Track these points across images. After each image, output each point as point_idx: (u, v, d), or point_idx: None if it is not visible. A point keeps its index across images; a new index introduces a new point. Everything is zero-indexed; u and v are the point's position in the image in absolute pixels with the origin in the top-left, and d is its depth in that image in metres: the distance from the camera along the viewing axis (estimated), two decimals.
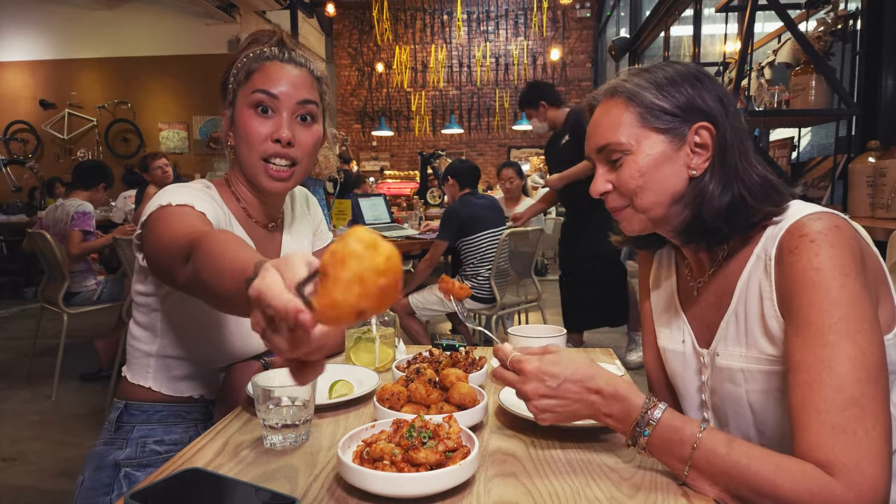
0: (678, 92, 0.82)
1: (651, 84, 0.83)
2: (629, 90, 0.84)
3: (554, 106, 3.44)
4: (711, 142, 0.82)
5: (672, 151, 0.82)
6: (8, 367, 3.83)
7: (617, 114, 0.84)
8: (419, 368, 0.91)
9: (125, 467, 1.00)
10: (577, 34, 10.69)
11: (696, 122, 0.82)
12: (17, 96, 8.16)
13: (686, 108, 0.82)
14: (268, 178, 1.02)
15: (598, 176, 0.88)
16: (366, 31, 10.93)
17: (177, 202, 0.91)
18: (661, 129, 0.82)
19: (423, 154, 5.32)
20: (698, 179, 0.83)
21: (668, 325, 0.99)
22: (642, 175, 0.83)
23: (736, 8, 3.36)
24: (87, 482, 1.01)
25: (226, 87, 1.06)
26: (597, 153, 0.88)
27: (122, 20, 7.95)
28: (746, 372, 0.82)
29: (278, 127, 1.00)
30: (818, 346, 0.69)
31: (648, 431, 0.71)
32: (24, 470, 2.38)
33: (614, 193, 0.87)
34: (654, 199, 0.84)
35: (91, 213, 3.47)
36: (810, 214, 0.76)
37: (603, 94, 0.88)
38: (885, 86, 2.46)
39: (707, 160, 0.82)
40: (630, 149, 0.83)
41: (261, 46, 1.04)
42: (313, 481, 0.69)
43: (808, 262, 0.72)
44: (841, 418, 0.66)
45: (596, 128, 0.87)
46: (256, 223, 1.11)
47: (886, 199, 2.07)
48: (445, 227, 3.18)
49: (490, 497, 0.65)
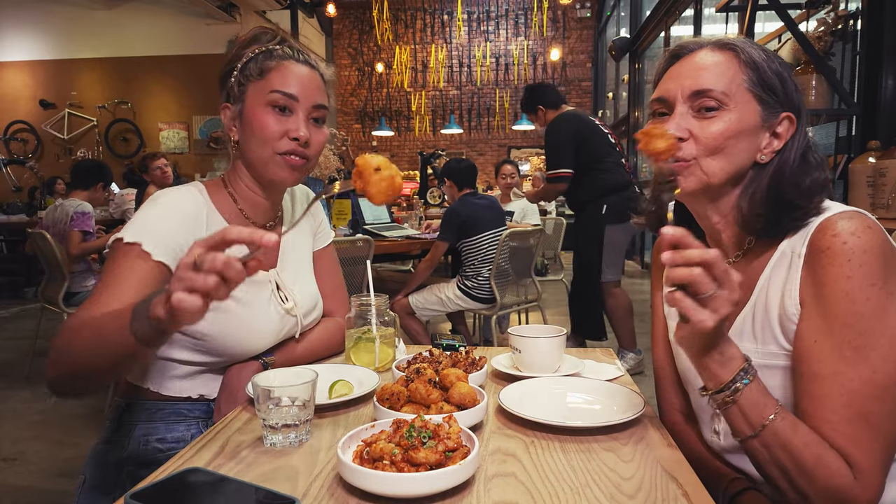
0: (781, 67, 0.82)
1: (764, 53, 0.82)
2: (744, 49, 0.82)
3: (552, 108, 3.43)
4: (788, 134, 0.82)
5: (759, 128, 0.82)
6: (8, 367, 3.83)
7: (727, 66, 0.81)
8: (419, 368, 0.91)
9: (127, 466, 1.00)
10: (578, 34, 10.69)
11: (785, 108, 0.82)
12: (17, 96, 8.17)
13: (784, 87, 0.82)
14: (282, 168, 1.02)
15: (676, 119, 0.82)
16: (366, 31, 10.93)
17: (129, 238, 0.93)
18: (762, 101, 0.81)
19: (423, 154, 5.32)
20: (763, 167, 0.82)
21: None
22: (728, 136, 0.80)
23: (736, 8, 3.36)
24: (88, 481, 1.01)
25: (227, 82, 1.05)
26: (689, 96, 0.82)
27: (123, 20, 7.96)
28: (763, 368, 0.81)
29: (296, 126, 1.01)
30: (835, 360, 0.72)
31: (748, 381, 0.72)
32: (24, 470, 2.38)
33: (689, 143, 0.82)
34: (724, 166, 0.82)
35: (90, 213, 3.47)
36: (841, 213, 0.76)
37: (710, 43, 0.85)
38: (885, 86, 2.47)
39: (775, 151, 0.82)
40: (729, 104, 0.80)
41: (265, 44, 1.04)
42: (313, 481, 0.69)
43: (840, 267, 0.72)
44: (848, 429, 0.71)
45: (697, 70, 0.82)
46: (254, 223, 1.10)
47: (886, 199, 2.07)
48: (446, 227, 3.17)
49: (490, 497, 0.65)
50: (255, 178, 1.08)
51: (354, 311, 1.16)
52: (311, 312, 1.16)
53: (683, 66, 0.85)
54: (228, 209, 1.07)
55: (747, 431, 0.74)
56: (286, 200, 1.22)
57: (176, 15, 7.83)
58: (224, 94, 1.07)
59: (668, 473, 0.71)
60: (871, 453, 0.70)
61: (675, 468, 0.73)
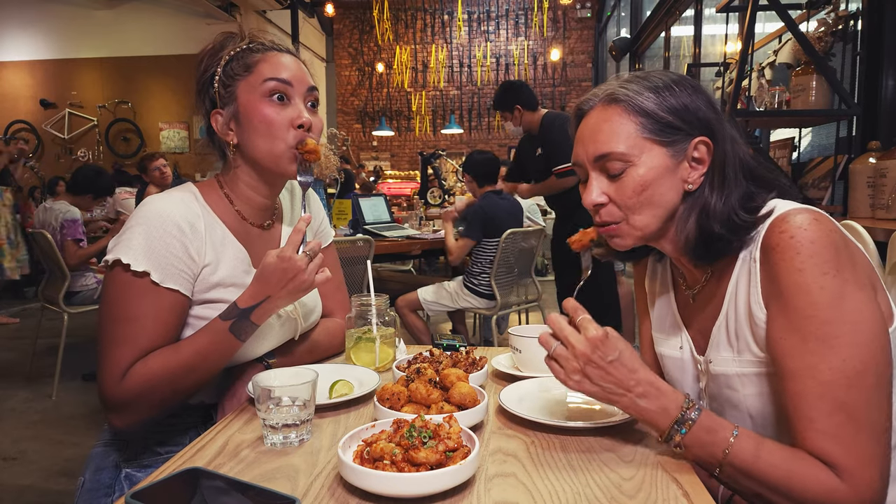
0: (677, 100, 0.81)
1: (649, 90, 0.81)
2: (629, 97, 0.81)
3: (529, 109, 3.34)
4: (708, 156, 0.81)
5: (673, 165, 0.81)
6: (8, 366, 3.83)
7: (617, 122, 0.81)
8: (419, 368, 0.91)
9: (125, 468, 1.00)
10: (578, 34, 10.69)
11: (695, 134, 0.81)
12: (17, 96, 8.17)
13: (686, 117, 0.80)
14: (294, 161, 1.02)
15: (593, 186, 0.84)
16: (366, 31, 10.93)
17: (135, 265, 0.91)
18: (663, 142, 0.80)
19: (423, 154, 5.31)
20: (693, 194, 0.82)
21: (665, 331, 0.99)
22: (644, 189, 0.81)
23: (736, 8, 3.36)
24: (87, 483, 1.01)
25: (208, 91, 1.04)
26: (593, 161, 0.83)
27: (123, 20, 7.95)
28: (742, 377, 0.82)
29: (298, 113, 1.01)
30: (803, 353, 0.72)
31: (686, 430, 0.73)
32: (24, 470, 2.38)
33: (610, 206, 0.83)
34: (652, 214, 0.82)
35: (78, 219, 3.47)
36: (788, 210, 0.76)
37: (600, 99, 0.84)
38: (886, 86, 2.46)
39: (702, 175, 0.82)
40: (632, 160, 0.80)
41: (238, 45, 1.03)
42: (313, 481, 0.69)
43: (791, 261, 0.73)
44: (829, 425, 0.70)
45: (595, 134, 0.83)
46: (251, 224, 1.09)
47: (887, 200, 2.07)
48: (472, 225, 3.12)
49: (490, 497, 0.65)
50: (261, 175, 1.05)
51: (355, 311, 1.16)
52: (311, 314, 1.15)
53: (584, 127, 0.86)
54: (224, 211, 1.05)
55: (711, 469, 0.74)
56: (285, 198, 1.21)
57: (176, 15, 7.82)
58: (207, 104, 1.05)
59: (668, 473, 0.71)
60: (856, 448, 0.69)
61: (675, 468, 0.73)
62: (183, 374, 0.93)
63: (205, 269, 0.99)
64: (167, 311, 0.94)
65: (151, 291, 0.92)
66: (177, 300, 0.95)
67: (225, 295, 1.00)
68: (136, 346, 0.92)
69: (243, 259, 1.04)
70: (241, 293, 0.98)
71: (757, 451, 0.72)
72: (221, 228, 1.03)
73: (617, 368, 0.74)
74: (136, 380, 0.91)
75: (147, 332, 0.92)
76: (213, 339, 0.94)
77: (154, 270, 0.92)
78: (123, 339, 0.92)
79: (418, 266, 6.43)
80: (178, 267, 0.95)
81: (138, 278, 0.92)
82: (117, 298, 0.93)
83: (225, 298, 0.99)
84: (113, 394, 0.91)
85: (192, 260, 0.97)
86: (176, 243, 0.95)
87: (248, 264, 1.05)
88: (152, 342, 0.93)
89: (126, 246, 0.92)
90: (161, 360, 0.92)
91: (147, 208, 0.96)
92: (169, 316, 0.94)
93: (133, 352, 0.91)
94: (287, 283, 0.93)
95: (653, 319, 1.03)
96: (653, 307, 1.03)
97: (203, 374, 0.96)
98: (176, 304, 0.95)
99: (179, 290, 0.95)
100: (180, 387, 0.95)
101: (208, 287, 0.99)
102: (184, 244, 0.95)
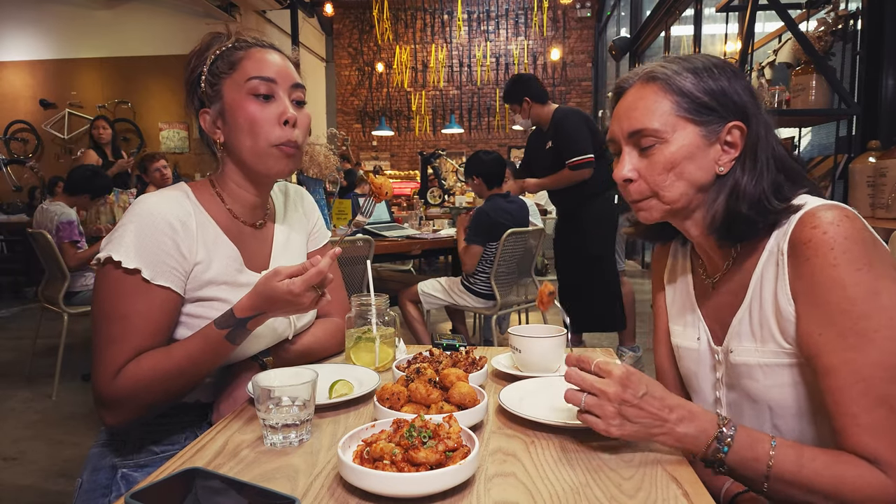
0: (715, 82, 0.82)
1: (688, 71, 0.82)
2: (667, 76, 0.83)
3: (539, 102, 3.31)
4: (741, 141, 0.82)
5: (705, 146, 0.82)
6: (8, 366, 3.83)
7: (653, 99, 0.83)
8: (419, 368, 0.91)
9: (122, 468, 1.00)
10: (578, 34, 10.69)
11: (730, 118, 0.81)
12: (17, 96, 8.16)
13: (722, 100, 0.81)
14: (278, 159, 1.02)
15: (624, 162, 0.86)
16: (366, 31, 10.93)
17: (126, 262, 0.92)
18: (697, 122, 0.81)
19: (423, 154, 5.31)
20: (724, 176, 0.83)
21: (682, 322, 0.99)
22: (673, 166, 0.82)
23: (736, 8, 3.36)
24: (85, 484, 1.01)
25: (196, 90, 1.04)
26: (627, 137, 0.85)
27: (123, 20, 7.95)
28: (764, 367, 0.82)
29: (283, 109, 1.01)
30: (842, 349, 0.72)
31: (727, 448, 0.73)
32: (24, 470, 2.38)
33: (639, 182, 0.85)
34: (681, 191, 0.83)
35: (74, 220, 3.46)
36: (818, 206, 0.77)
37: (639, 77, 0.86)
38: (886, 86, 2.46)
39: (733, 159, 0.82)
40: (664, 137, 0.82)
41: (224, 43, 1.03)
42: (313, 481, 0.69)
43: (824, 257, 0.73)
44: (872, 419, 0.70)
45: (629, 111, 0.85)
46: (243, 223, 1.09)
47: (887, 199, 2.07)
48: (476, 230, 3.09)
49: (490, 497, 0.65)
50: (247, 174, 1.06)
51: (354, 310, 1.16)
52: (303, 315, 1.15)
53: (621, 105, 0.88)
54: (217, 210, 1.06)
55: (758, 485, 0.74)
56: (279, 198, 1.21)
57: (176, 15, 7.82)
58: (196, 103, 1.05)
59: (668, 473, 0.71)
60: None
61: (675, 468, 0.73)
62: (175, 376, 0.94)
63: (196, 266, 0.99)
64: (159, 308, 0.94)
65: (143, 289, 0.93)
66: (168, 298, 0.95)
67: (217, 293, 1.00)
68: (129, 344, 0.92)
69: (235, 258, 1.04)
70: (233, 292, 0.99)
71: (799, 459, 0.72)
72: (213, 227, 1.03)
73: (649, 402, 0.74)
74: (128, 379, 0.91)
75: (139, 330, 0.93)
76: (207, 344, 0.95)
77: (145, 268, 0.92)
78: (116, 338, 0.92)
79: (418, 266, 6.43)
80: (169, 264, 0.95)
81: (129, 275, 0.92)
82: (109, 296, 0.93)
83: (217, 297, 1.00)
84: (106, 391, 0.91)
85: (184, 257, 0.97)
86: (167, 241, 0.95)
87: (241, 263, 1.05)
88: (145, 340, 0.93)
89: (118, 244, 0.93)
90: (153, 362, 0.92)
91: (139, 207, 0.96)
92: (161, 314, 0.95)
93: (126, 350, 0.92)
94: (286, 308, 0.94)
95: (670, 312, 1.02)
96: (671, 300, 1.03)
97: (195, 377, 0.97)
98: (168, 302, 0.95)
99: (171, 288, 0.95)
100: (172, 388, 0.95)
101: (200, 285, 0.99)
102: (175, 242, 0.96)
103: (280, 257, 1.14)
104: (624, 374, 0.74)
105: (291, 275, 0.91)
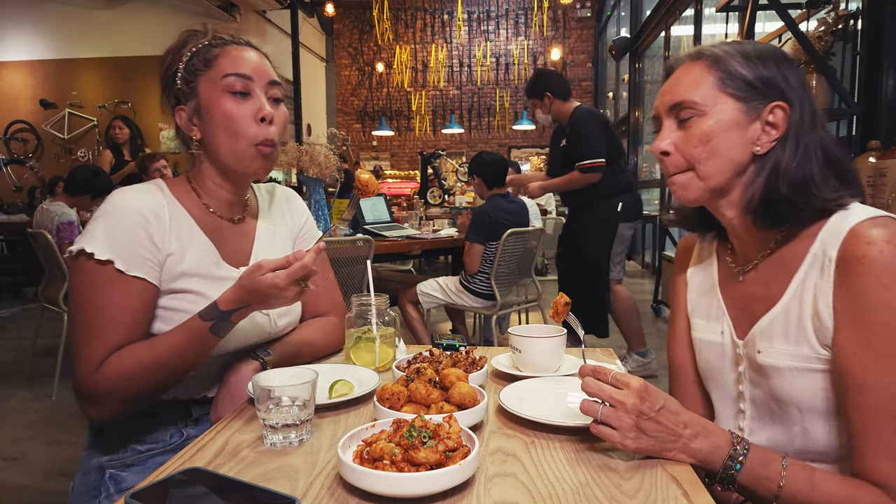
0: (764, 66, 0.82)
1: (738, 53, 0.83)
2: (715, 54, 0.83)
3: (560, 98, 3.31)
4: (784, 123, 0.81)
5: (744, 122, 0.82)
6: (8, 366, 3.83)
7: (698, 74, 0.84)
8: (419, 368, 0.91)
9: (109, 469, 1.00)
10: (578, 34, 10.70)
11: (773, 99, 0.81)
12: (17, 96, 8.16)
13: (767, 82, 0.81)
14: (255, 159, 1.02)
15: (663, 135, 0.86)
16: (366, 31, 10.93)
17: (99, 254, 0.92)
18: (738, 97, 0.81)
19: (423, 154, 5.31)
20: (765, 157, 0.82)
21: (705, 315, 0.97)
22: (709, 139, 0.82)
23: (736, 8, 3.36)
24: (77, 487, 1.02)
25: (172, 88, 1.04)
26: (668, 111, 0.86)
27: (123, 20, 7.95)
28: (794, 370, 0.81)
29: (260, 106, 1.01)
30: (878, 370, 0.71)
31: (739, 466, 0.73)
32: (24, 469, 2.38)
33: (675, 156, 0.85)
34: (717, 167, 0.83)
35: (74, 221, 3.45)
36: (874, 219, 0.75)
37: (687, 56, 0.87)
38: (886, 86, 2.46)
39: (773, 141, 0.82)
40: (703, 110, 0.82)
41: (201, 40, 1.04)
42: (313, 481, 0.69)
43: (877, 277, 0.72)
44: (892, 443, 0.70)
45: (673, 86, 0.86)
46: (220, 217, 1.09)
47: (887, 200, 2.07)
48: (477, 229, 3.11)
49: (490, 497, 0.65)
50: (223, 172, 1.06)
51: (355, 310, 1.16)
52: (285, 314, 1.14)
53: (667, 82, 0.89)
54: (192, 204, 1.06)
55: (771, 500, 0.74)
56: (264, 198, 1.21)
57: (176, 14, 7.82)
58: (172, 100, 1.05)
59: (668, 473, 0.71)
60: None
61: (675, 468, 0.73)
62: (158, 369, 0.94)
63: (169, 257, 0.99)
64: (135, 299, 0.95)
65: (117, 280, 0.93)
66: (144, 288, 0.96)
67: (191, 286, 1.00)
68: (108, 336, 0.92)
69: (210, 251, 1.04)
70: (208, 285, 1.00)
71: (810, 480, 0.72)
72: (188, 219, 1.04)
73: (665, 416, 0.73)
74: (110, 372, 0.91)
75: (117, 323, 0.93)
76: (191, 336, 0.94)
77: (118, 258, 0.93)
78: (94, 330, 0.92)
79: (418, 266, 6.43)
80: (142, 255, 0.95)
81: (103, 266, 0.93)
82: (84, 288, 0.94)
83: (191, 289, 1.00)
84: (88, 385, 0.92)
85: (157, 248, 0.97)
86: (140, 231, 0.96)
87: (217, 257, 1.05)
88: (123, 332, 0.93)
89: (90, 236, 0.94)
90: (136, 354, 0.93)
91: (112, 201, 0.98)
92: (137, 305, 0.95)
93: (106, 343, 0.92)
94: (270, 301, 0.94)
95: (692, 305, 1.01)
96: (693, 294, 1.01)
97: (178, 370, 0.96)
98: (144, 293, 0.96)
99: (146, 279, 0.95)
100: (155, 381, 0.95)
101: (174, 277, 0.99)
102: (148, 233, 0.96)
103: (262, 255, 1.13)
104: (642, 386, 0.73)
105: (275, 268, 0.90)
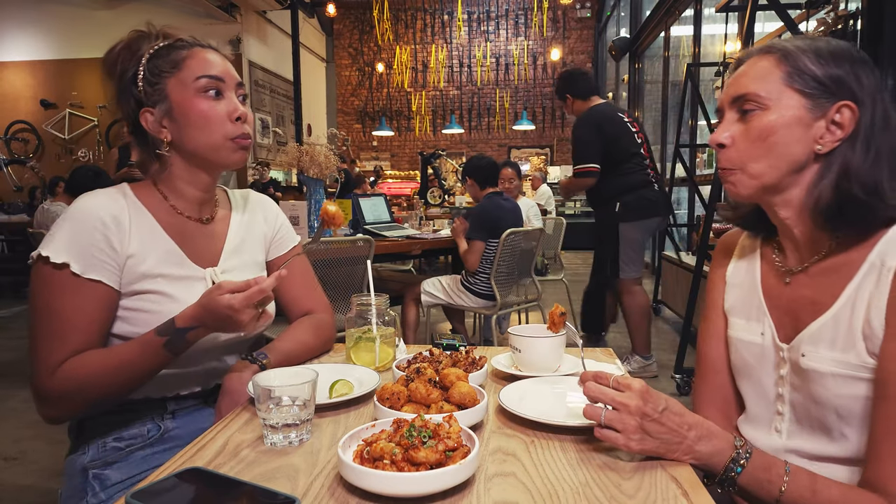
0: (836, 64, 0.79)
1: (810, 49, 0.80)
2: (786, 49, 0.81)
3: (580, 99, 3.39)
4: (851, 123, 0.78)
5: (808, 119, 0.79)
6: (9, 366, 3.83)
7: (765, 68, 0.81)
8: (419, 368, 0.91)
9: (91, 469, 1.01)
10: (578, 34, 10.70)
11: (842, 99, 0.78)
12: (18, 96, 8.17)
13: (837, 81, 0.78)
14: (234, 151, 1.05)
15: (723, 127, 0.84)
16: (366, 31, 10.94)
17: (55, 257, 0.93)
18: (805, 94, 0.79)
19: (423, 154, 5.31)
20: (829, 157, 0.80)
21: (745, 315, 0.95)
22: (769, 135, 0.80)
23: (736, 8, 3.36)
24: (65, 492, 1.03)
25: (132, 91, 1.03)
26: (731, 102, 0.84)
27: (123, 20, 7.95)
28: (838, 377, 0.79)
29: (234, 107, 1.04)
30: None
31: (741, 469, 0.74)
32: (24, 469, 2.39)
33: (730, 151, 0.83)
34: (770, 164, 0.81)
35: None
36: None
37: (758, 50, 0.85)
38: (886, 86, 2.46)
39: (837, 140, 0.79)
40: (766, 104, 0.80)
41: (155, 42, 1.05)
42: (313, 481, 0.69)
43: None
44: None
45: (739, 77, 0.84)
46: (188, 217, 1.09)
47: None
48: (477, 227, 3.16)
49: (490, 497, 0.65)
50: (199, 165, 1.06)
51: (354, 310, 1.16)
52: None
53: (734, 75, 0.86)
54: (156, 205, 1.06)
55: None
56: (238, 202, 1.21)
57: (177, 15, 7.83)
58: (132, 103, 1.04)
59: (668, 473, 0.71)
60: None
61: (675, 468, 0.73)
62: (111, 379, 0.95)
63: (129, 259, 0.99)
64: (92, 303, 0.95)
65: (73, 283, 0.94)
66: (102, 292, 0.96)
67: (153, 286, 1.01)
68: (64, 340, 0.93)
69: (174, 252, 1.05)
70: (172, 285, 1.01)
71: (813, 485, 0.72)
72: (150, 221, 1.04)
73: (669, 418, 0.73)
74: (65, 378, 0.93)
75: (73, 326, 0.94)
76: (145, 351, 0.95)
77: (74, 261, 0.94)
78: (50, 334, 0.93)
79: (418, 266, 6.43)
80: (99, 258, 0.96)
81: (59, 270, 0.94)
82: (41, 292, 0.95)
83: (153, 289, 1.01)
84: (43, 388, 0.93)
85: (115, 251, 0.98)
86: (98, 235, 0.96)
87: (182, 257, 1.05)
88: (80, 336, 0.94)
89: (49, 241, 0.95)
90: (91, 362, 0.94)
91: (73, 206, 0.99)
92: (94, 309, 0.96)
93: (62, 347, 0.93)
94: (225, 324, 0.93)
95: (730, 303, 0.98)
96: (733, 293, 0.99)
97: (132, 382, 0.98)
98: (102, 297, 0.96)
99: (103, 281, 0.96)
100: (108, 390, 0.96)
101: (136, 278, 1.00)
102: (106, 236, 0.97)
103: (232, 257, 1.14)
104: (644, 387, 0.73)
105: (234, 290, 0.90)
